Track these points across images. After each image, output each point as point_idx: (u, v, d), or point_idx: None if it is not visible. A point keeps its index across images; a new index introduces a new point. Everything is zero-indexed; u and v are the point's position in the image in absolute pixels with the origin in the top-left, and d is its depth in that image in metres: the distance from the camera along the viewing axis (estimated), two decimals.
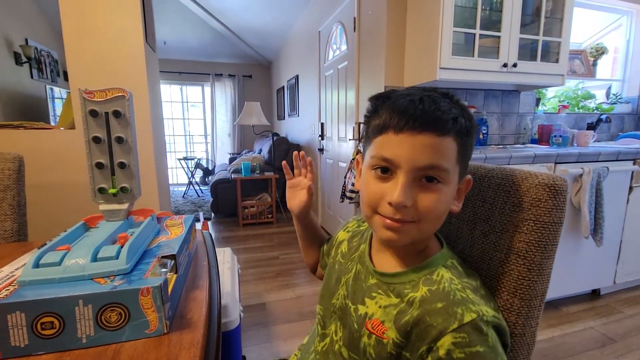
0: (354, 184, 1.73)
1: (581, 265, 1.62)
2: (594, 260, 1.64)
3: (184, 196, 4.67)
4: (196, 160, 5.03)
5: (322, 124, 2.95)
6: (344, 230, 0.64)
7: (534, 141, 1.98)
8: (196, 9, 3.63)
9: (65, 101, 1.45)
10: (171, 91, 5.39)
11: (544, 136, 1.89)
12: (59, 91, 3.92)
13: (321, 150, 3.02)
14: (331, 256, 0.62)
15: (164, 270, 0.43)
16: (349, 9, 2.20)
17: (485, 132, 1.85)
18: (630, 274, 1.75)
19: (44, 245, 0.46)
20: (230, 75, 5.35)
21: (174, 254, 0.48)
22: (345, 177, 1.85)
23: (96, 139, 0.53)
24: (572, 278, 1.62)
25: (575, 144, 1.85)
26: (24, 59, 3.46)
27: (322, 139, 2.98)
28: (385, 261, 0.48)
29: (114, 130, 0.53)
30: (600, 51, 2.26)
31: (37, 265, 0.40)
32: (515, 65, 1.56)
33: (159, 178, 1.58)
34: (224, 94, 5.39)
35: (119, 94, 0.52)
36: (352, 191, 1.77)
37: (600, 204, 1.49)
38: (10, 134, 1.32)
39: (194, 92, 5.57)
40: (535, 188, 0.41)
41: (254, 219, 3.29)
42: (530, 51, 1.66)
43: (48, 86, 3.73)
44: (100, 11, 1.33)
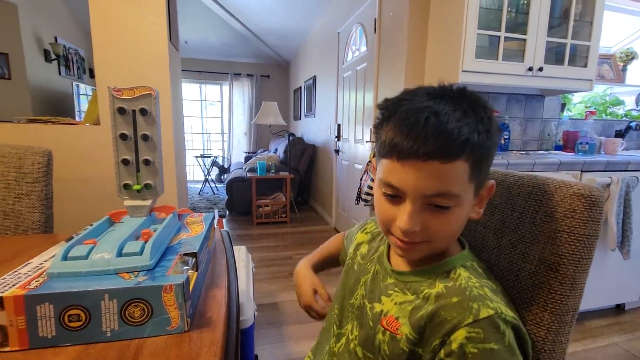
0: (370, 187, 1.72)
1: (606, 278, 1.55)
2: (619, 274, 1.57)
3: (199, 193, 4.75)
4: (212, 158, 5.10)
5: (338, 125, 2.94)
6: (362, 231, 0.64)
7: (558, 147, 1.92)
8: (218, 9, 3.69)
9: (91, 98, 1.50)
10: (190, 89, 5.50)
11: (569, 143, 1.82)
12: (84, 88, 4.05)
13: (337, 151, 3.02)
14: (349, 256, 0.62)
15: (185, 267, 0.44)
16: (370, 10, 2.18)
17: (507, 137, 1.81)
18: None
19: (71, 239, 0.47)
20: (248, 75, 5.41)
21: (195, 251, 0.48)
22: (361, 179, 1.84)
23: (123, 136, 0.54)
24: (596, 291, 1.56)
25: (602, 152, 1.78)
26: (53, 56, 3.58)
27: (339, 140, 2.97)
28: (402, 262, 0.48)
29: (140, 128, 0.54)
30: (630, 56, 2.17)
31: (65, 258, 0.41)
32: (541, 69, 1.51)
33: (178, 175, 1.61)
34: (241, 93, 5.45)
35: (147, 92, 0.53)
36: (367, 194, 1.76)
37: (628, 215, 1.42)
38: (40, 129, 1.37)
39: (212, 90, 5.66)
40: (570, 198, 0.39)
41: (268, 218, 3.31)
42: (557, 55, 1.61)
43: (75, 83, 3.86)
44: (128, 11, 1.37)
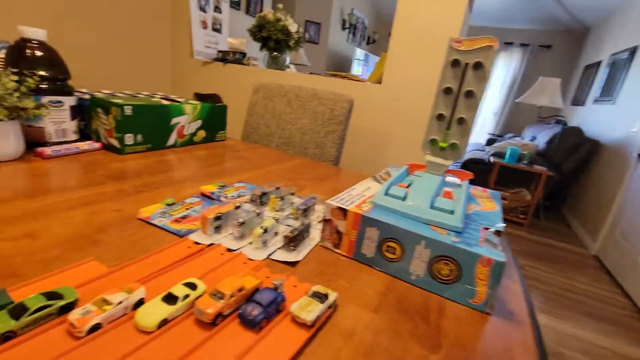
0: None
1: None
2: None
3: None
4: None
5: None
6: None
7: None
8: None
9: (379, 61, 1.67)
10: None
11: None
12: (360, 53, 4.73)
13: None
14: None
15: (497, 245, 0.38)
16: None
17: None
18: None
19: (374, 178, 0.52)
20: (522, 45, 4.60)
21: (501, 230, 0.42)
22: None
23: (447, 90, 0.52)
24: None
25: None
26: (347, 25, 4.30)
27: None
28: None
29: (467, 83, 0.51)
30: None
31: (386, 193, 0.46)
32: None
33: None
34: (507, 65, 4.75)
35: (487, 44, 0.48)
36: None
37: None
38: (337, 82, 1.69)
39: None
40: None
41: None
42: None
43: (357, 48, 4.56)
44: None
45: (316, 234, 0.48)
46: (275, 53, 1.94)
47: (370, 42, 5.54)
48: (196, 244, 0.41)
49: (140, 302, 0.29)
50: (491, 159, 2.94)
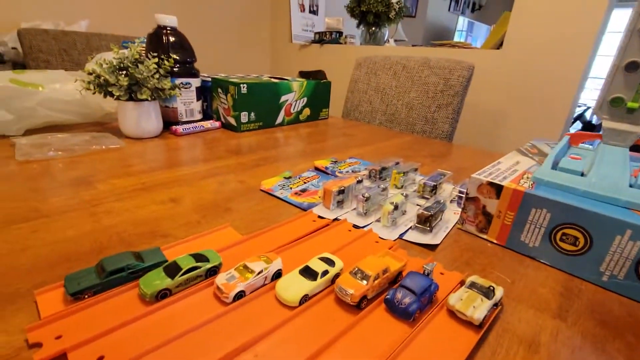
0: None
1: None
2: None
3: None
4: (583, 108, 4.04)
5: None
6: None
7: None
8: None
9: (497, 23, 1.43)
10: None
11: None
12: (461, 22, 4.24)
13: None
14: None
15: None
16: None
17: None
18: None
19: (530, 153, 0.41)
20: None
21: None
22: None
23: (630, 66, 0.38)
24: None
25: None
26: None
27: None
28: None
29: None
30: None
31: (554, 167, 0.35)
32: None
33: None
34: None
35: None
36: None
37: None
38: (442, 52, 1.51)
39: (616, 16, 4.19)
40: None
41: None
42: None
43: (460, 17, 4.10)
44: None
45: (449, 215, 0.41)
46: (374, 28, 1.84)
47: (475, 8, 4.89)
48: (320, 217, 0.39)
49: (279, 273, 0.27)
50: None
